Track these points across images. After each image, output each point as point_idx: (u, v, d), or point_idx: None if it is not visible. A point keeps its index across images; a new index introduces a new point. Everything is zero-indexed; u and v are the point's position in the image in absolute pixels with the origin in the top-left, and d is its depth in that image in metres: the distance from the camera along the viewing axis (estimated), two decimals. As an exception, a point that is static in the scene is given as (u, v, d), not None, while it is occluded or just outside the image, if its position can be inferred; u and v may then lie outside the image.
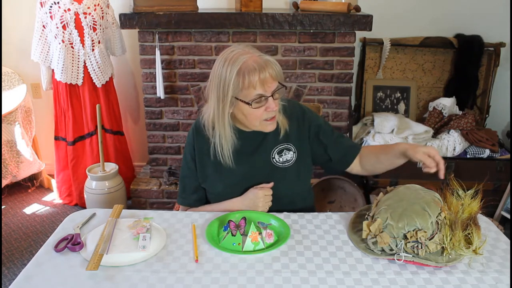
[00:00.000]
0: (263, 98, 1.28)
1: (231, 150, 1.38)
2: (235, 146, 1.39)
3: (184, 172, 1.51)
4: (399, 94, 3.02)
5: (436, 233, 1.12)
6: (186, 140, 1.49)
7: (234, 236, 1.21)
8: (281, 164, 1.43)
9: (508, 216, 2.51)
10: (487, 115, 3.02)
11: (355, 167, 1.50)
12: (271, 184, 1.40)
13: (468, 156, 2.64)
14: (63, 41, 2.55)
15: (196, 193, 1.50)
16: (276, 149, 1.42)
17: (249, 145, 1.42)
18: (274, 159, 1.42)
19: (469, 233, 1.13)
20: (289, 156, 1.43)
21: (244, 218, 1.26)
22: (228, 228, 1.23)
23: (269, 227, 1.26)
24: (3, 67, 2.96)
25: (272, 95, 1.28)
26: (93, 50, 2.61)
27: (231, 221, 1.25)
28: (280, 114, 1.40)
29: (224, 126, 1.33)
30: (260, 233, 1.21)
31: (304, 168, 1.46)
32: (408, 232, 1.12)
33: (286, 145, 1.43)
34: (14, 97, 2.88)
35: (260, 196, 1.37)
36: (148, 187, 2.76)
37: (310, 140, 1.46)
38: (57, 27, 2.52)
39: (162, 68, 2.54)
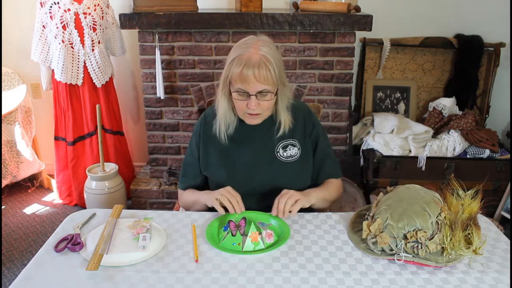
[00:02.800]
0: (246, 94, 1.32)
1: (226, 130, 1.43)
2: (237, 134, 1.44)
3: (187, 159, 1.55)
4: (399, 94, 3.02)
5: (436, 233, 1.12)
6: (193, 129, 1.54)
7: (234, 236, 1.21)
8: (285, 159, 1.45)
9: (508, 216, 2.51)
10: (487, 115, 3.02)
11: None
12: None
13: (468, 156, 2.64)
14: (63, 41, 2.55)
15: (195, 179, 1.54)
16: (281, 144, 1.45)
17: (252, 135, 1.45)
18: (278, 153, 1.45)
19: (469, 233, 1.13)
20: (293, 151, 1.46)
21: (244, 218, 1.26)
22: (228, 228, 1.23)
23: (269, 227, 1.26)
24: (3, 67, 2.96)
25: (256, 95, 1.31)
26: (93, 50, 2.61)
27: (231, 221, 1.25)
28: (286, 112, 1.43)
29: (223, 105, 1.40)
30: (260, 233, 1.21)
31: (306, 166, 1.49)
32: (408, 232, 1.12)
33: (291, 141, 1.46)
34: (14, 97, 2.88)
35: (221, 190, 1.35)
36: (148, 187, 2.76)
37: (310, 141, 1.50)
38: (57, 27, 2.52)
39: (162, 68, 2.54)
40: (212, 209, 1.38)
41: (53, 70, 2.67)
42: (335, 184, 1.55)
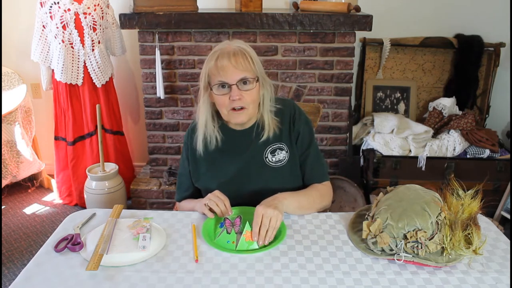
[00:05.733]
0: (226, 86, 1.30)
1: (208, 142, 1.41)
2: (224, 144, 1.42)
3: (180, 170, 1.56)
4: (399, 94, 3.02)
5: (436, 233, 1.12)
6: (183, 139, 1.54)
7: (229, 234, 1.21)
8: (274, 164, 1.42)
9: (508, 216, 2.51)
10: (487, 115, 3.02)
11: None
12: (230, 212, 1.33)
13: (468, 156, 2.64)
14: (63, 41, 2.55)
15: (187, 191, 1.53)
16: (269, 149, 1.42)
17: (240, 144, 1.43)
18: (267, 159, 1.42)
19: (469, 233, 1.12)
20: (282, 155, 1.43)
21: (240, 217, 1.26)
22: (224, 225, 1.23)
23: None
24: (3, 67, 2.96)
25: (236, 85, 1.29)
26: (93, 50, 2.61)
27: (227, 219, 1.25)
28: (271, 115, 1.41)
29: (204, 113, 1.38)
30: None
31: (296, 168, 1.46)
32: (408, 232, 1.12)
33: (279, 145, 1.43)
34: (14, 97, 2.88)
35: (209, 195, 1.34)
36: (148, 187, 2.76)
37: (294, 137, 1.45)
38: (57, 27, 2.52)
39: (162, 68, 2.54)
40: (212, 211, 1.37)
41: (53, 70, 2.68)
42: (320, 191, 1.44)
